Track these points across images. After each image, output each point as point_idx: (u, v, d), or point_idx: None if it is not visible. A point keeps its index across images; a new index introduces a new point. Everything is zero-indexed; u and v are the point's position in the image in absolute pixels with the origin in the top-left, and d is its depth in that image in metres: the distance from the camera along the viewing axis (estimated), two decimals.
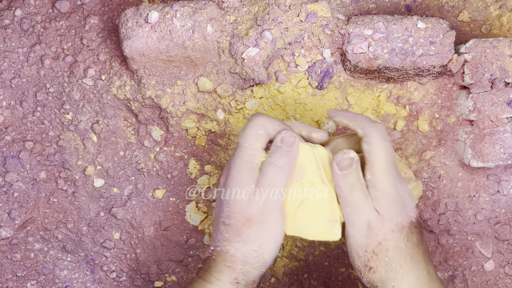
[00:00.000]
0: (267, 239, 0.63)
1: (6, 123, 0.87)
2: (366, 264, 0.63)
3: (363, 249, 0.63)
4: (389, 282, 0.63)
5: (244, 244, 0.63)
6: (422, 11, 0.86)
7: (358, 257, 0.64)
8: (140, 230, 0.89)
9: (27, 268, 0.89)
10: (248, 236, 0.63)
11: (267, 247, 0.64)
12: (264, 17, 0.77)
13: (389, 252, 0.63)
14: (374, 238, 0.63)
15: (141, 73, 0.81)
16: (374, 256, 0.63)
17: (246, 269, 0.64)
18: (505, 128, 0.79)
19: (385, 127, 0.65)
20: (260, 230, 0.63)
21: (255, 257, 0.64)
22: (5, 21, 0.87)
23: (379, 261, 0.63)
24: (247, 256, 0.64)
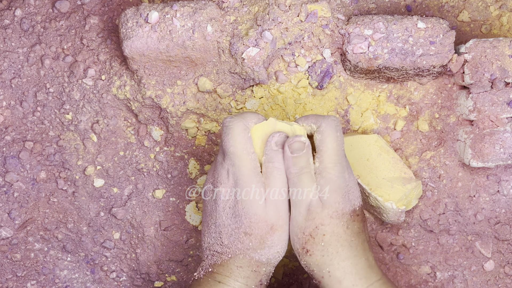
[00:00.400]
0: (286, 240, 0.67)
1: (6, 123, 0.87)
2: (304, 247, 0.66)
3: (302, 231, 0.66)
4: (324, 267, 0.65)
5: (269, 249, 0.66)
6: (422, 11, 0.86)
7: (297, 239, 0.66)
8: (140, 230, 0.89)
9: (27, 268, 0.89)
10: (272, 242, 0.66)
11: (285, 245, 0.68)
12: (264, 17, 0.77)
13: (326, 237, 0.65)
14: (312, 221, 0.65)
15: (141, 73, 0.81)
16: (311, 239, 0.65)
17: (269, 269, 0.68)
18: (505, 128, 0.79)
19: (338, 119, 0.68)
20: (282, 233, 0.66)
21: (278, 258, 0.68)
22: (5, 21, 0.87)
23: (315, 244, 0.65)
24: (271, 258, 0.67)
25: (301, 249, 0.66)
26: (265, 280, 0.69)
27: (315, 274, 0.67)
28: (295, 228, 0.66)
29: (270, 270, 0.69)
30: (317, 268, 0.66)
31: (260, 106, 0.84)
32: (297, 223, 0.66)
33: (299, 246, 0.66)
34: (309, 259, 0.66)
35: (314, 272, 0.67)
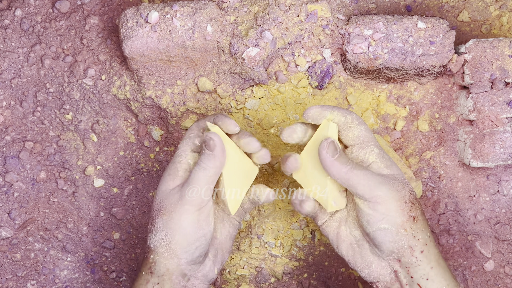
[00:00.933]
0: (173, 228, 0.66)
1: (6, 123, 0.87)
2: (410, 215, 0.65)
3: (403, 201, 0.65)
4: (426, 232, 0.66)
5: (155, 233, 0.68)
6: (422, 11, 0.86)
7: (401, 212, 0.65)
8: (140, 230, 0.89)
9: (27, 268, 0.89)
10: (158, 225, 0.67)
11: (173, 237, 0.66)
12: (264, 17, 0.77)
13: (417, 200, 0.67)
14: (405, 189, 0.66)
15: (141, 73, 0.81)
16: (413, 206, 0.66)
17: (156, 258, 0.67)
18: (505, 128, 0.79)
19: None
20: (167, 219, 0.67)
21: (163, 246, 0.67)
22: (5, 21, 0.87)
23: (416, 209, 0.66)
24: (156, 245, 0.67)
25: (408, 218, 0.65)
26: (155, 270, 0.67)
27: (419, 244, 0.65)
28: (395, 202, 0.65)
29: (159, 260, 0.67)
30: (422, 235, 0.65)
31: (260, 106, 0.84)
32: (395, 197, 0.65)
33: (406, 217, 0.65)
34: (416, 226, 0.65)
35: (419, 241, 0.65)
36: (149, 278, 0.67)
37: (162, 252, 0.67)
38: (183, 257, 0.67)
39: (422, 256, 0.65)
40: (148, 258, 0.68)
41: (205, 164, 0.67)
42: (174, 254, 0.67)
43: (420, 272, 0.65)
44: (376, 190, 0.64)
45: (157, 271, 0.67)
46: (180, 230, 0.67)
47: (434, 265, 0.65)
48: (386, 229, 0.65)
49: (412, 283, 0.65)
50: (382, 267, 0.67)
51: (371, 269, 0.68)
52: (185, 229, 0.66)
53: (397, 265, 0.66)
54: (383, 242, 0.65)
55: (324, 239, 0.87)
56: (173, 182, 0.69)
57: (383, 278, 0.67)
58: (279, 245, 0.87)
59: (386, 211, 0.65)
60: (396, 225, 0.65)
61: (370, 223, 0.65)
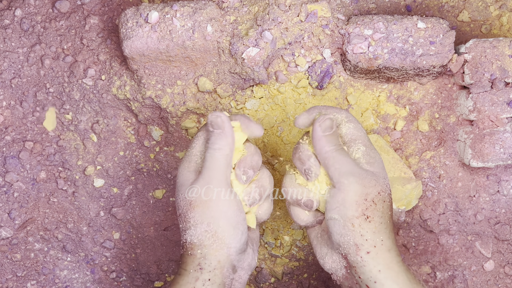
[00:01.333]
0: (213, 216, 0.64)
1: (6, 123, 0.87)
2: (364, 213, 0.64)
3: (363, 198, 0.64)
4: (379, 236, 0.64)
5: (195, 229, 0.65)
6: (422, 11, 0.86)
7: (356, 207, 0.64)
8: (140, 230, 0.89)
9: (27, 268, 0.89)
10: (194, 220, 0.65)
11: (217, 224, 0.64)
12: (264, 17, 0.77)
13: (385, 204, 0.65)
14: (374, 188, 0.64)
15: (141, 73, 0.81)
16: (373, 205, 0.64)
17: (205, 252, 0.65)
18: (505, 128, 0.79)
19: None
20: (204, 209, 0.64)
21: (210, 238, 0.64)
22: (5, 21, 0.87)
23: (376, 211, 0.64)
24: (201, 239, 0.64)
25: (361, 215, 0.64)
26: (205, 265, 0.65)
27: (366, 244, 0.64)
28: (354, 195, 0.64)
29: (208, 253, 0.65)
30: (371, 236, 0.64)
31: (260, 106, 0.84)
32: (356, 191, 0.64)
33: (357, 213, 0.64)
34: (367, 226, 0.64)
35: (367, 241, 0.64)
36: (199, 275, 0.64)
37: (210, 244, 0.64)
38: (232, 245, 0.65)
39: (368, 257, 0.64)
40: (195, 255, 0.65)
41: (218, 144, 0.65)
42: (223, 243, 0.65)
43: (367, 274, 0.64)
44: (343, 177, 0.64)
45: (207, 266, 0.64)
46: (223, 215, 0.65)
47: (383, 269, 0.63)
48: (335, 220, 0.64)
49: (361, 283, 0.65)
50: (333, 261, 0.67)
51: (324, 260, 0.68)
52: (227, 213, 0.65)
53: (345, 261, 0.66)
54: (332, 233, 0.65)
55: None
56: (193, 175, 0.67)
57: (335, 271, 0.67)
58: (279, 245, 0.87)
59: (341, 201, 0.64)
60: (344, 218, 0.64)
61: (327, 210, 0.65)
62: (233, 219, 0.65)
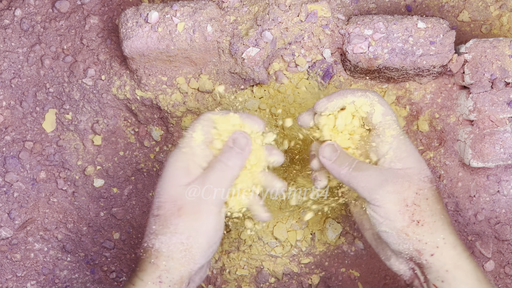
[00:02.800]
0: (197, 231, 0.60)
1: (6, 123, 0.87)
2: (413, 219, 0.61)
3: (404, 205, 0.61)
4: (438, 234, 0.61)
5: (170, 236, 0.60)
6: (422, 11, 0.86)
7: (401, 216, 0.61)
8: (140, 230, 0.89)
9: (27, 268, 0.89)
10: (176, 227, 0.60)
11: (196, 240, 0.60)
12: (264, 17, 0.77)
13: (429, 200, 0.61)
14: (409, 189, 0.61)
15: (141, 73, 0.81)
16: (417, 208, 0.61)
17: (171, 265, 0.60)
18: (505, 128, 0.79)
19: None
20: (191, 221, 0.60)
21: (182, 251, 0.60)
22: (5, 21, 0.87)
23: (423, 211, 0.61)
24: (172, 250, 0.60)
25: (410, 222, 0.60)
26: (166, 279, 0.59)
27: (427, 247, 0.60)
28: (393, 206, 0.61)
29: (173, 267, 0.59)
30: (431, 238, 0.60)
31: (260, 106, 0.84)
32: (392, 201, 0.60)
33: (407, 221, 0.60)
34: (421, 230, 0.60)
35: (427, 244, 0.60)
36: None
37: (179, 257, 0.60)
38: (199, 262, 0.61)
39: (433, 259, 0.60)
40: (158, 265, 0.60)
41: (233, 163, 0.62)
42: (192, 259, 0.60)
43: (433, 274, 0.61)
44: (374, 193, 0.61)
45: (169, 280, 0.60)
46: (206, 233, 0.60)
47: (450, 268, 0.60)
48: (387, 233, 0.62)
49: (428, 282, 0.62)
50: (400, 263, 0.64)
51: (390, 262, 0.65)
52: (210, 232, 0.61)
53: (411, 263, 0.63)
54: (389, 243, 0.63)
55: (324, 239, 0.87)
56: (187, 177, 0.62)
57: (403, 272, 0.65)
58: (279, 245, 0.87)
59: (385, 215, 0.61)
60: (396, 230, 0.61)
61: (375, 225, 0.63)
62: (213, 238, 0.61)
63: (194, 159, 0.63)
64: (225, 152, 0.63)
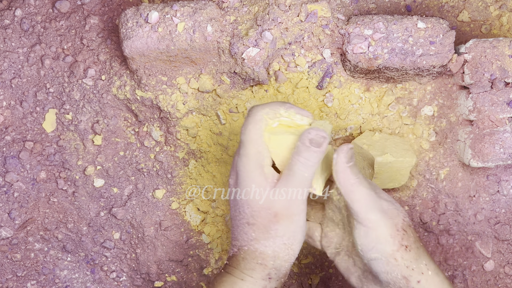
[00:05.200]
0: (295, 231, 0.64)
1: (6, 123, 0.87)
2: (401, 244, 0.63)
3: (395, 229, 0.63)
4: (421, 261, 0.64)
5: (273, 240, 0.64)
6: (422, 11, 0.86)
7: (392, 239, 0.63)
8: (140, 230, 0.89)
9: (27, 268, 0.89)
10: (276, 232, 0.64)
11: (295, 238, 0.65)
12: (264, 17, 0.77)
13: (411, 228, 0.65)
14: (398, 216, 0.64)
15: (141, 73, 0.81)
16: (405, 234, 0.64)
17: (278, 263, 0.65)
18: (505, 128, 0.79)
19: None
20: (288, 223, 0.64)
21: (285, 250, 0.65)
22: (5, 21, 0.87)
23: (409, 237, 0.64)
24: (277, 251, 0.64)
25: (400, 247, 0.63)
26: (275, 275, 0.65)
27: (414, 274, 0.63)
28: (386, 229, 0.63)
29: (280, 264, 0.65)
30: (416, 264, 0.63)
31: None
32: (385, 223, 0.63)
33: (396, 246, 0.63)
34: (408, 255, 0.63)
35: (413, 271, 0.63)
36: (267, 284, 0.65)
37: (283, 255, 0.65)
38: (297, 253, 0.66)
39: (419, 286, 0.63)
40: (266, 265, 0.65)
41: (312, 162, 0.62)
42: (293, 255, 0.65)
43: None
44: (370, 213, 0.63)
45: (277, 276, 0.65)
46: (302, 230, 0.65)
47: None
48: (377, 259, 0.63)
49: None
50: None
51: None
52: (303, 227, 0.65)
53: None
54: (378, 273, 0.64)
55: None
56: (267, 181, 0.64)
57: None
58: None
59: (376, 238, 0.63)
60: (386, 255, 0.63)
61: (364, 251, 0.64)
62: (304, 230, 0.66)
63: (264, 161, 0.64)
64: (303, 151, 0.63)
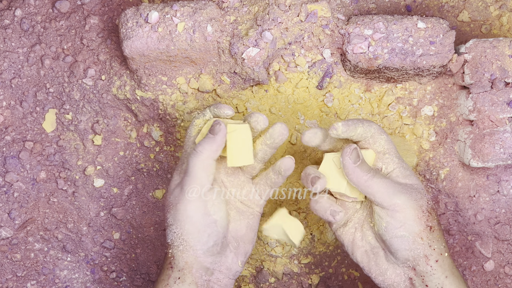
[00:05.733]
0: (181, 220, 0.68)
1: (6, 123, 0.87)
2: (427, 224, 0.66)
3: (421, 210, 0.66)
4: (441, 243, 0.67)
5: (169, 229, 0.69)
6: (422, 11, 0.86)
7: (418, 221, 0.66)
8: (140, 230, 0.89)
9: (27, 268, 0.89)
10: (168, 221, 0.69)
11: (184, 228, 0.67)
12: (264, 17, 0.77)
13: (434, 211, 0.68)
14: (423, 199, 0.67)
15: (141, 73, 0.81)
16: (430, 216, 0.67)
17: (174, 252, 0.68)
18: (505, 128, 0.79)
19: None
20: (174, 212, 0.68)
21: (177, 239, 0.68)
22: (5, 21, 0.87)
23: (433, 219, 0.67)
24: (172, 239, 0.68)
25: (425, 227, 0.66)
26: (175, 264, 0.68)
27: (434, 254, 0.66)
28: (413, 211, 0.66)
29: (176, 253, 0.68)
30: (437, 245, 0.66)
31: (260, 106, 0.84)
32: (411, 206, 0.66)
33: (423, 226, 0.66)
34: (432, 236, 0.66)
35: (434, 251, 0.66)
36: (170, 273, 0.68)
37: (177, 245, 0.68)
38: (198, 247, 0.67)
39: (437, 265, 0.66)
40: (168, 253, 0.69)
41: (201, 147, 0.68)
42: (188, 245, 0.68)
43: (434, 281, 0.66)
44: (395, 198, 0.66)
45: (176, 265, 0.68)
46: (187, 219, 0.67)
47: (449, 274, 0.66)
48: (403, 237, 0.66)
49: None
50: (397, 275, 0.68)
51: (385, 276, 0.68)
52: (192, 218, 0.67)
53: (412, 273, 0.67)
54: (399, 250, 0.66)
55: (324, 239, 0.87)
56: (179, 177, 0.70)
57: (397, 285, 0.68)
58: (279, 245, 0.87)
59: (404, 219, 0.65)
60: (413, 234, 0.66)
61: (388, 230, 0.66)
62: (199, 222, 0.68)
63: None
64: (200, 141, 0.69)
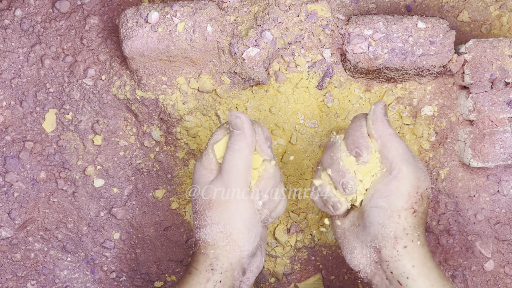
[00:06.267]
0: (230, 218, 0.64)
1: (6, 123, 0.87)
2: (412, 207, 0.63)
3: (415, 190, 0.64)
4: (419, 229, 0.64)
5: (210, 228, 0.65)
6: (422, 11, 0.86)
7: (407, 197, 0.63)
8: (140, 230, 0.89)
9: (27, 268, 0.89)
10: (211, 219, 0.65)
11: (233, 226, 0.64)
12: (264, 17, 0.77)
13: (428, 201, 0.65)
14: (424, 182, 0.65)
15: (141, 73, 0.81)
16: (420, 200, 0.64)
17: (218, 253, 0.64)
18: (505, 128, 0.79)
19: None
20: (222, 210, 0.64)
21: (224, 239, 0.64)
22: (5, 21, 0.87)
23: (422, 206, 0.64)
24: (216, 239, 0.64)
25: (408, 207, 0.63)
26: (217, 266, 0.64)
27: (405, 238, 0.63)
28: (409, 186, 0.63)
29: (221, 254, 0.64)
30: (412, 230, 0.63)
31: (260, 106, 0.84)
32: (411, 180, 0.63)
33: (408, 205, 0.63)
34: (412, 219, 0.63)
35: (406, 236, 0.63)
36: (210, 276, 0.64)
37: (223, 245, 0.64)
38: (245, 248, 0.65)
39: (404, 251, 0.63)
40: (208, 254, 0.65)
41: (238, 146, 0.65)
42: (236, 245, 0.64)
43: (400, 269, 0.62)
44: (405, 163, 0.64)
45: (219, 267, 0.64)
46: (239, 217, 0.64)
47: (417, 264, 0.62)
48: (382, 208, 0.63)
49: (392, 279, 0.63)
50: (364, 255, 0.65)
51: (352, 255, 0.67)
52: (243, 215, 0.65)
53: (377, 256, 0.64)
54: (372, 223, 0.64)
55: (324, 239, 0.87)
56: (211, 174, 0.67)
57: (363, 267, 0.66)
58: (279, 245, 0.87)
59: (394, 190, 0.63)
60: (393, 208, 0.63)
61: (373, 198, 0.64)
62: (249, 221, 0.65)
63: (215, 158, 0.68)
64: (230, 137, 0.66)
